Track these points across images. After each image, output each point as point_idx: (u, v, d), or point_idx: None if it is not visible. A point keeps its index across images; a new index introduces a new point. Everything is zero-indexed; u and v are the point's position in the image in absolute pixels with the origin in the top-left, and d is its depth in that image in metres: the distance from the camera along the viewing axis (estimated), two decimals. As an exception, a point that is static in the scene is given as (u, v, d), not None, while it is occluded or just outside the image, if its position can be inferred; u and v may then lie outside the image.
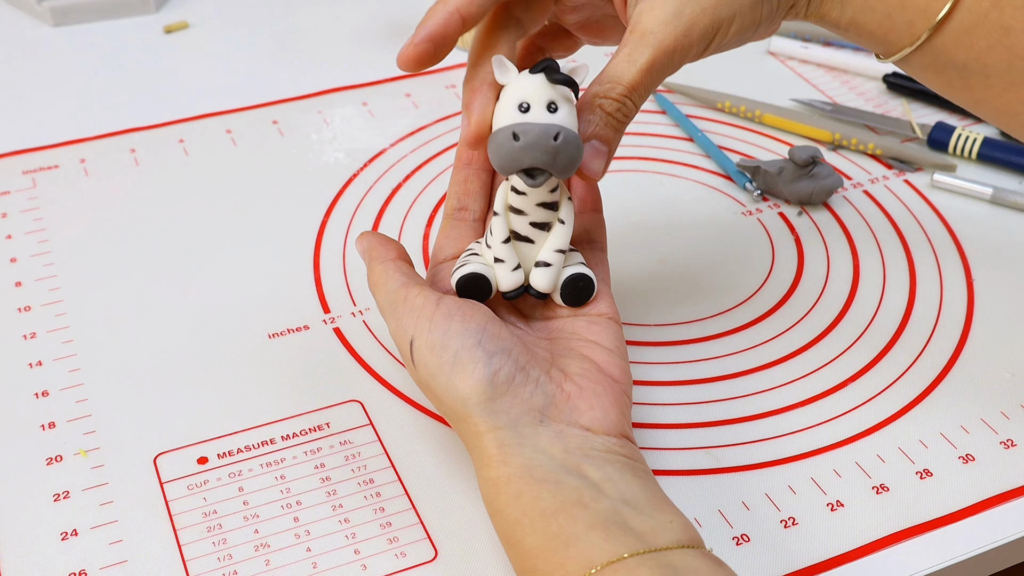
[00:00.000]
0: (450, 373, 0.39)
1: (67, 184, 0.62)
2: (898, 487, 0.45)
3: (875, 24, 0.43)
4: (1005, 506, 0.44)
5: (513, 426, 0.39)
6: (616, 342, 0.43)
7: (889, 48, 0.43)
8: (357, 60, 0.75)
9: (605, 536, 0.36)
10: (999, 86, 0.42)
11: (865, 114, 0.68)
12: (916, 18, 0.42)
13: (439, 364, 0.40)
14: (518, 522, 0.37)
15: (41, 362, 0.50)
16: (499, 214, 0.43)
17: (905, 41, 0.42)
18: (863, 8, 0.43)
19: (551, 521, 0.37)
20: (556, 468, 0.38)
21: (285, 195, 0.61)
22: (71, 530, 0.43)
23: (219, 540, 0.42)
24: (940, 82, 0.44)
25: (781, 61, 0.75)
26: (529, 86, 0.39)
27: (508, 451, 0.38)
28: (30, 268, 0.56)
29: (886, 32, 0.43)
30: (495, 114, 0.40)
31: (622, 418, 0.41)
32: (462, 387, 0.39)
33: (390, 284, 0.43)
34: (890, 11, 0.42)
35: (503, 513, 0.38)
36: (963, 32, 0.42)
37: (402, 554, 0.42)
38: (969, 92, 0.43)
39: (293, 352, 0.51)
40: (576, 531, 0.36)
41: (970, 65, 0.42)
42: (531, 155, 0.39)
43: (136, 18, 0.80)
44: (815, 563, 0.42)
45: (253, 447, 0.46)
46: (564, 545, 0.36)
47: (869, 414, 0.48)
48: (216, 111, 0.68)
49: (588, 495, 0.37)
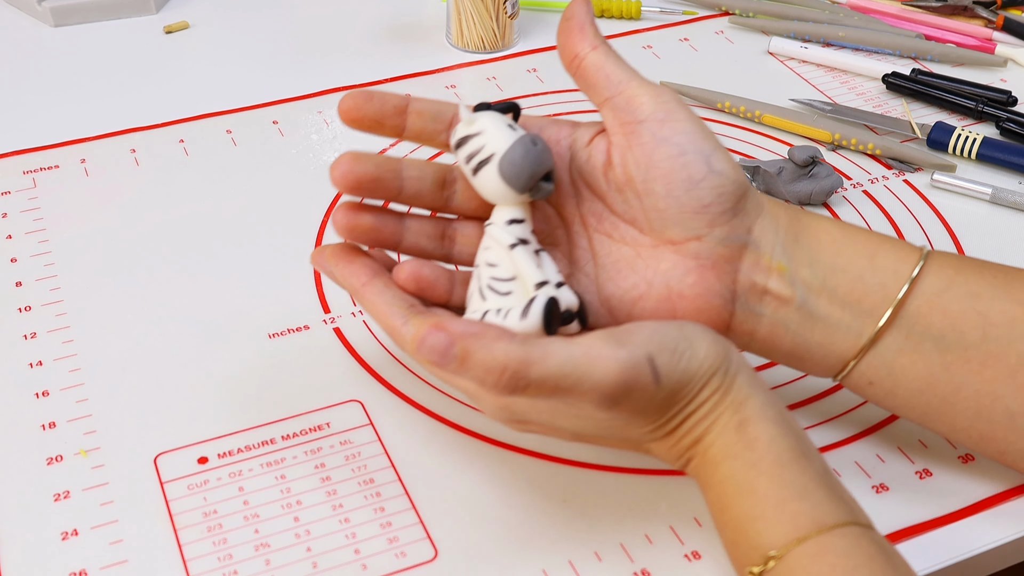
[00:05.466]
0: (692, 354, 0.38)
1: (67, 184, 0.62)
2: (898, 487, 0.45)
3: (847, 288, 0.41)
4: (1005, 506, 0.44)
5: (740, 370, 0.39)
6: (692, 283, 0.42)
7: (864, 323, 0.41)
8: (357, 60, 0.75)
9: (830, 497, 0.37)
10: (977, 360, 0.41)
11: (865, 114, 0.68)
12: (888, 280, 0.41)
13: (679, 356, 0.38)
14: (755, 465, 0.38)
15: (41, 362, 0.50)
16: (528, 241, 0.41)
17: (881, 307, 0.41)
18: (833, 269, 0.41)
19: (785, 469, 0.37)
20: (775, 410, 0.39)
21: (285, 195, 0.61)
22: (71, 530, 0.43)
23: (219, 540, 0.42)
24: (918, 367, 0.41)
25: (781, 61, 0.75)
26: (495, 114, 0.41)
27: (744, 392, 0.39)
28: (30, 268, 0.56)
29: (859, 299, 0.41)
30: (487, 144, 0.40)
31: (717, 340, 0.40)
32: (710, 358, 0.39)
33: (544, 361, 0.36)
34: (861, 273, 0.41)
35: (740, 455, 0.38)
36: (935, 295, 0.41)
37: (402, 554, 0.42)
38: (948, 375, 0.41)
39: (293, 352, 0.51)
40: (807, 485, 0.37)
41: (947, 334, 0.41)
42: (550, 158, 0.40)
43: (136, 18, 0.80)
44: (815, 563, 0.42)
45: (253, 447, 0.46)
46: (798, 496, 0.37)
47: (869, 414, 0.48)
48: (216, 111, 0.68)
49: (804, 447, 0.38)
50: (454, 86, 0.72)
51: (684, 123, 0.41)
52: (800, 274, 0.41)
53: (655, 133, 0.41)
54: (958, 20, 0.79)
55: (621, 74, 0.42)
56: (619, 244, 0.43)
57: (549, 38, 0.78)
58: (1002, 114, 0.67)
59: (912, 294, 0.41)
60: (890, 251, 0.42)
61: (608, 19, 0.81)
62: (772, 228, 0.42)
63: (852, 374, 0.42)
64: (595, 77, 0.42)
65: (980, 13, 0.80)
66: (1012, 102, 0.69)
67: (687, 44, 0.77)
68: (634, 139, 0.41)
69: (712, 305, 0.41)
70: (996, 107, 0.68)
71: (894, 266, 0.41)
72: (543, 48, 0.76)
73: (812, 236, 0.42)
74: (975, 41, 0.76)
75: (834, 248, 0.42)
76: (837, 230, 0.42)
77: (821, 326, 0.42)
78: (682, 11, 0.81)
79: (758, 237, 0.41)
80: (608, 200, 0.43)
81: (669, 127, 0.41)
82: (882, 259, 0.42)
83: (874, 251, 0.42)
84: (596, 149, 0.43)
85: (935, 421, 0.43)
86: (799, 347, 0.42)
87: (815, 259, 0.42)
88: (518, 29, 0.77)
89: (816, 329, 0.42)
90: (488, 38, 0.75)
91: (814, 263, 0.42)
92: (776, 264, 0.41)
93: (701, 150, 0.41)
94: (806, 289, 0.41)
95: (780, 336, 0.42)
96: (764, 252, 0.41)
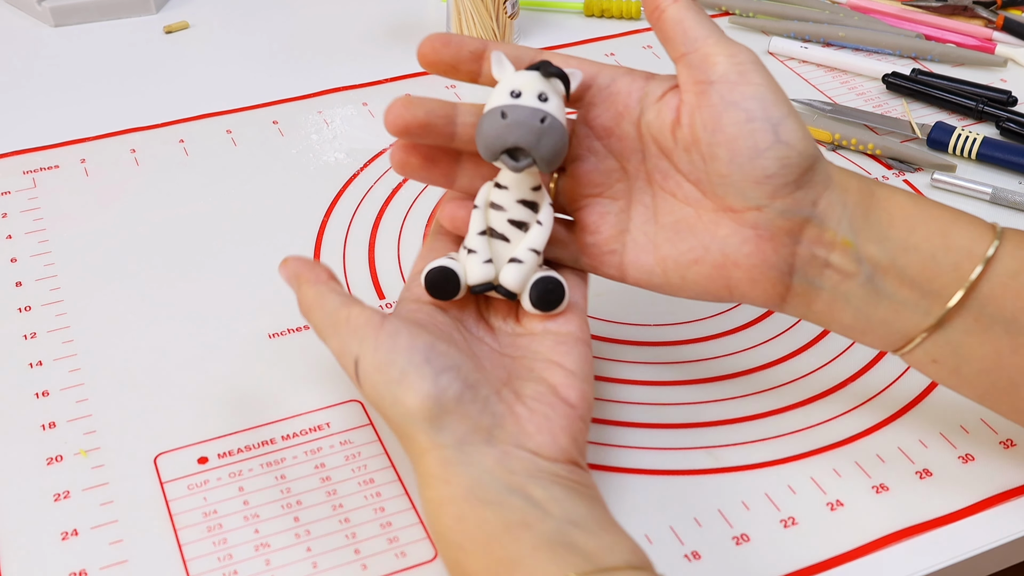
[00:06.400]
0: (396, 390, 0.38)
1: (67, 184, 0.62)
2: (898, 487, 0.45)
3: (917, 267, 0.40)
4: (1005, 506, 0.44)
5: (458, 445, 0.38)
6: (580, 364, 0.41)
7: (932, 303, 0.40)
8: (357, 60, 0.75)
9: (551, 557, 0.35)
10: None
11: (865, 114, 0.68)
12: (962, 259, 0.39)
13: (385, 381, 0.39)
14: (461, 546, 0.37)
15: (41, 362, 0.50)
16: (479, 207, 0.43)
17: (952, 287, 0.39)
18: (905, 247, 0.40)
19: (495, 544, 0.36)
20: (500, 488, 0.37)
21: (285, 195, 0.61)
22: (71, 530, 0.43)
23: (219, 540, 0.42)
24: (985, 348, 0.40)
25: (781, 61, 0.75)
26: (523, 77, 0.41)
27: (451, 470, 0.38)
28: (30, 268, 0.56)
29: (931, 278, 0.39)
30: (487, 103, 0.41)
31: (572, 444, 0.39)
32: (408, 403, 0.38)
33: (328, 305, 0.41)
34: (934, 252, 0.40)
35: (446, 536, 0.37)
36: (1009, 277, 0.39)
37: (402, 554, 0.42)
38: (1016, 357, 0.40)
39: (293, 352, 0.51)
40: (521, 553, 0.35)
41: (1018, 317, 0.39)
42: (516, 133, 0.40)
43: (136, 18, 0.80)
44: (815, 563, 0.42)
45: (253, 447, 0.46)
46: (508, 569, 0.35)
47: (869, 414, 0.48)
48: (216, 111, 0.68)
49: (533, 516, 0.36)
50: (454, 86, 0.72)
51: (757, 87, 0.40)
52: (868, 251, 0.40)
53: (724, 96, 0.40)
54: (958, 20, 0.79)
55: (699, 30, 0.41)
56: (682, 204, 0.43)
57: (549, 38, 0.78)
58: (1002, 114, 0.67)
59: (985, 276, 0.39)
60: (964, 229, 0.40)
61: (608, 19, 0.81)
62: (840, 202, 0.40)
63: (916, 352, 0.41)
64: (673, 31, 0.41)
65: (980, 13, 0.80)
66: (1012, 102, 0.69)
67: (687, 44, 0.77)
68: (704, 99, 0.40)
69: (767, 276, 0.41)
70: (996, 107, 0.68)
71: (968, 245, 0.40)
72: (543, 48, 0.76)
73: (884, 210, 0.41)
74: (975, 41, 0.76)
75: (907, 225, 0.40)
76: (911, 204, 0.41)
77: (887, 303, 0.40)
78: (682, 11, 0.81)
79: (824, 211, 0.40)
80: (674, 158, 0.42)
81: (740, 91, 0.40)
82: (956, 237, 0.40)
83: (948, 229, 0.40)
84: (667, 105, 0.42)
85: (997, 401, 0.42)
86: (860, 321, 0.41)
87: (885, 235, 0.40)
88: (518, 29, 0.77)
89: (880, 306, 0.40)
90: (488, 38, 0.75)
91: (884, 240, 0.40)
92: (841, 239, 0.40)
93: (770, 117, 0.40)
94: (873, 266, 0.40)
95: (840, 310, 0.41)
96: (829, 226, 0.40)
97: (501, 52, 0.42)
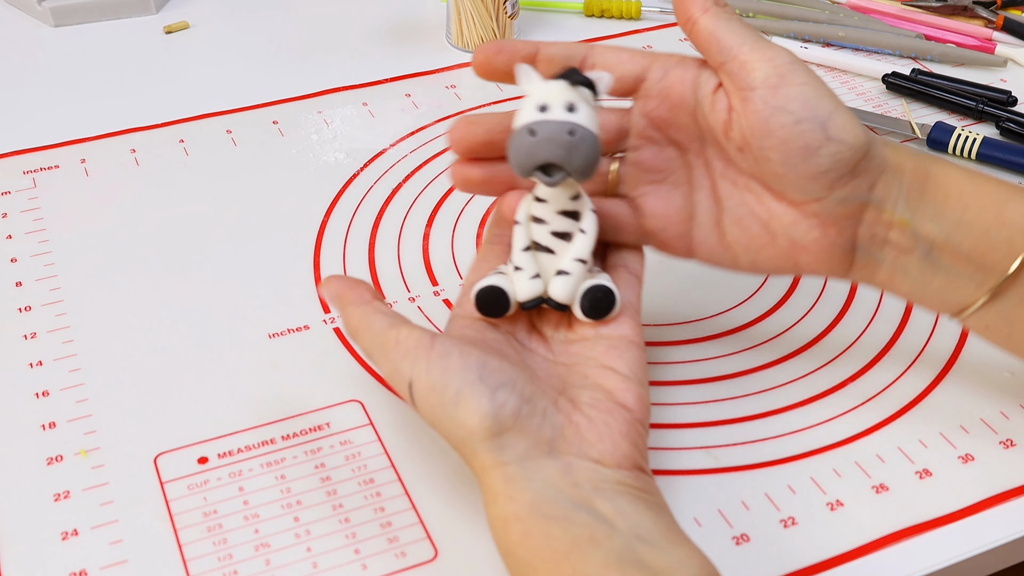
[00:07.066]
0: (453, 411, 0.38)
1: (67, 184, 0.62)
2: (898, 487, 0.45)
3: (971, 243, 0.41)
4: (1005, 506, 0.44)
5: (520, 461, 0.38)
6: (634, 367, 0.41)
7: (986, 276, 0.41)
8: (357, 60, 0.75)
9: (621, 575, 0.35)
10: None
11: (865, 114, 0.68)
12: (1015, 235, 0.40)
13: (441, 403, 0.39)
14: (529, 563, 0.36)
15: (41, 362, 0.50)
16: (520, 223, 0.43)
17: (1005, 263, 0.40)
18: (959, 224, 0.41)
19: (563, 562, 0.35)
20: (566, 503, 0.37)
21: (285, 195, 0.61)
22: (71, 530, 0.43)
23: (219, 540, 0.42)
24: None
25: (781, 61, 0.75)
26: (549, 89, 0.40)
27: (515, 486, 0.37)
28: (30, 268, 0.56)
29: (984, 253, 0.41)
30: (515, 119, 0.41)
31: (634, 449, 0.39)
32: (468, 424, 0.38)
33: (374, 327, 0.41)
34: (988, 228, 0.41)
35: (514, 554, 0.37)
36: None
37: (402, 554, 0.42)
38: None
39: (293, 352, 0.51)
40: (589, 571, 0.35)
41: None
42: (546, 149, 0.39)
43: (136, 18, 0.80)
44: (815, 563, 0.42)
45: (253, 447, 0.46)
46: None
47: (869, 414, 0.48)
48: (216, 111, 0.68)
49: (600, 531, 0.36)
50: (454, 86, 0.72)
51: (799, 87, 0.40)
52: (923, 228, 0.41)
53: (768, 101, 0.40)
54: (958, 20, 0.79)
55: (733, 39, 0.41)
56: (743, 191, 0.43)
57: (549, 38, 0.78)
58: (1002, 114, 0.67)
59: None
60: (1019, 205, 0.41)
61: (608, 19, 0.81)
62: (896, 183, 0.41)
63: (970, 318, 0.42)
64: (707, 42, 0.42)
65: (980, 13, 0.80)
66: (1012, 102, 0.69)
67: (687, 44, 0.77)
68: (748, 106, 0.41)
69: (833, 256, 0.42)
70: (996, 107, 0.68)
71: (1021, 222, 0.41)
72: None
73: (939, 188, 0.41)
74: (975, 41, 0.76)
75: (961, 202, 0.41)
76: (966, 181, 0.42)
77: (942, 275, 0.42)
78: (682, 11, 0.81)
79: (880, 193, 0.41)
80: (730, 155, 0.43)
81: (783, 94, 0.40)
82: (1010, 214, 0.41)
83: (1002, 205, 0.41)
84: (719, 105, 0.42)
85: None
86: (917, 290, 0.43)
87: (940, 213, 0.41)
88: (518, 29, 0.77)
89: (936, 277, 0.42)
90: (488, 38, 0.75)
91: (939, 217, 0.41)
92: (898, 219, 0.41)
93: (817, 116, 0.40)
94: (929, 242, 0.41)
95: (899, 280, 0.43)
96: (886, 208, 0.41)
97: (526, 65, 0.42)
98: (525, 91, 0.41)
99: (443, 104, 0.70)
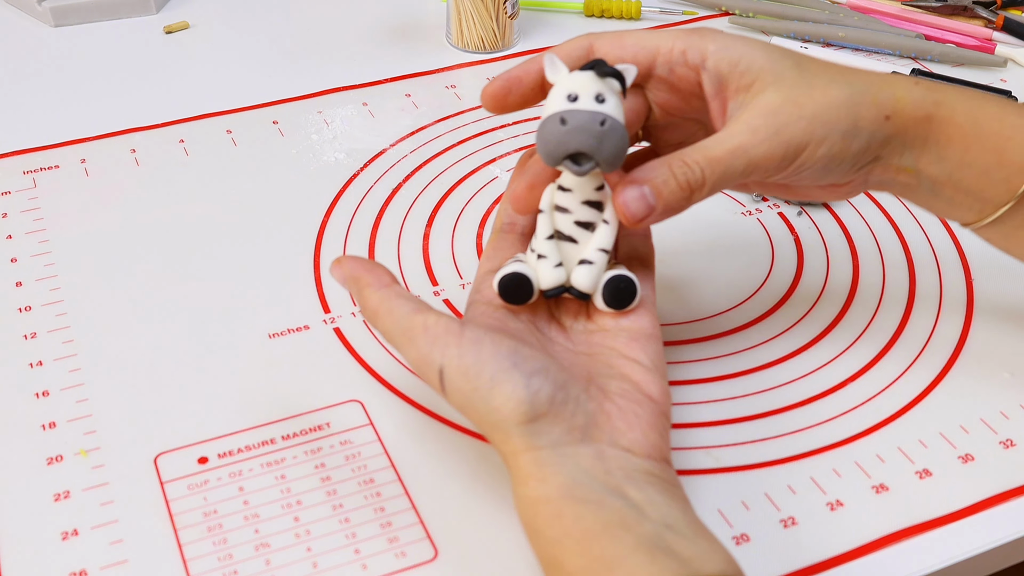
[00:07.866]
0: (488, 396, 0.38)
1: (67, 184, 0.62)
2: (898, 487, 0.45)
3: (972, 180, 0.43)
4: (1005, 506, 0.44)
5: (554, 446, 0.38)
6: (656, 360, 0.42)
7: (984, 207, 0.44)
8: (357, 60, 0.75)
9: (650, 559, 0.35)
10: None
11: (865, 114, 0.68)
12: (1013, 174, 0.43)
13: (474, 388, 0.39)
14: (559, 542, 0.37)
15: (41, 362, 0.50)
16: (544, 211, 0.43)
17: (1004, 197, 0.43)
18: (960, 164, 0.43)
19: (594, 543, 0.36)
20: (599, 488, 0.37)
21: (285, 195, 0.61)
22: (71, 530, 0.43)
23: (219, 540, 0.42)
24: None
25: (781, 61, 0.75)
26: (578, 79, 0.41)
27: (548, 470, 0.38)
28: (30, 268, 0.56)
29: (983, 189, 0.43)
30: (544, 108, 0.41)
31: (661, 440, 0.40)
32: (503, 409, 0.38)
33: (397, 312, 0.41)
34: (987, 167, 0.43)
35: (542, 533, 0.37)
36: None
37: (402, 554, 0.42)
38: None
39: (293, 352, 0.51)
40: (620, 553, 0.35)
41: None
42: (577, 139, 0.39)
43: (136, 18, 0.80)
44: (815, 563, 0.42)
45: (253, 447, 0.46)
46: (608, 568, 0.35)
47: (869, 414, 0.48)
48: (216, 111, 0.68)
49: (631, 517, 0.36)
50: (454, 86, 0.72)
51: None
52: (928, 171, 0.44)
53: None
54: (958, 20, 0.79)
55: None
56: None
57: (549, 38, 0.78)
58: (1002, 114, 0.67)
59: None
60: (1019, 147, 0.43)
61: (608, 19, 0.81)
62: (900, 143, 0.43)
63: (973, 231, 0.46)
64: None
65: (980, 13, 0.80)
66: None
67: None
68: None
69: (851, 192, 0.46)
70: (996, 107, 0.68)
71: (1021, 161, 0.43)
72: (543, 48, 0.76)
73: (942, 133, 0.43)
74: (975, 41, 0.76)
75: (963, 144, 0.43)
76: (968, 124, 0.43)
77: (945, 202, 0.45)
78: (682, 11, 0.81)
79: (887, 152, 0.43)
80: None
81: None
82: (1010, 154, 0.43)
83: (1003, 146, 0.43)
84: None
85: None
86: (925, 207, 0.46)
87: (943, 156, 0.43)
88: (518, 29, 0.77)
89: (940, 203, 0.45)
90: (488, 38, 0.75)
91: (942, 160, 0.43)
92: (904, 167, 0.44)
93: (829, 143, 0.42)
94: (932, 181, 0.44)
95: (908, 199, 0.46)
96: (892, 162, 0.44)
97: (554, 55, 0.42)
98: (553, 80, 0.42)
99: (443, 104, 0.70)
